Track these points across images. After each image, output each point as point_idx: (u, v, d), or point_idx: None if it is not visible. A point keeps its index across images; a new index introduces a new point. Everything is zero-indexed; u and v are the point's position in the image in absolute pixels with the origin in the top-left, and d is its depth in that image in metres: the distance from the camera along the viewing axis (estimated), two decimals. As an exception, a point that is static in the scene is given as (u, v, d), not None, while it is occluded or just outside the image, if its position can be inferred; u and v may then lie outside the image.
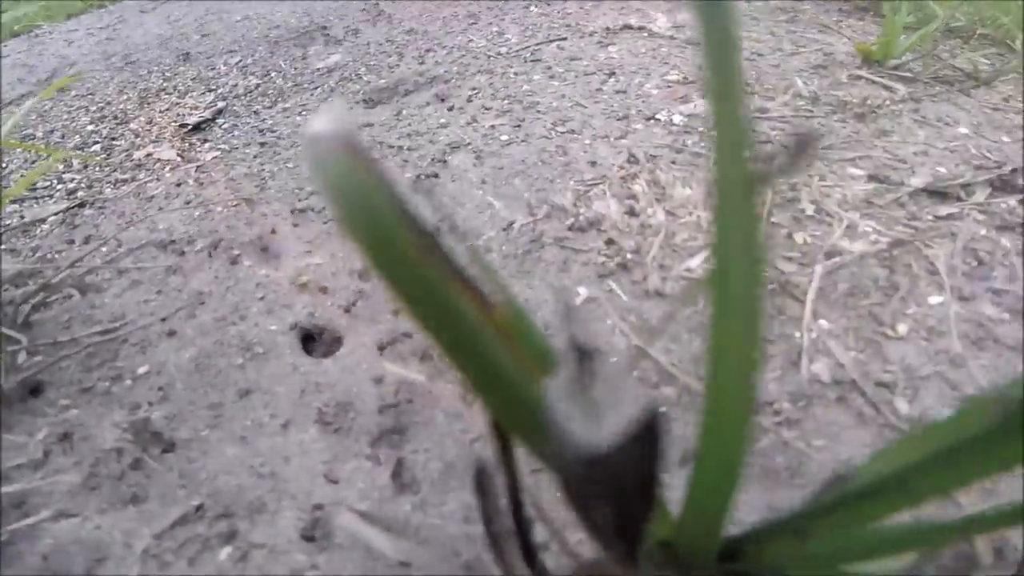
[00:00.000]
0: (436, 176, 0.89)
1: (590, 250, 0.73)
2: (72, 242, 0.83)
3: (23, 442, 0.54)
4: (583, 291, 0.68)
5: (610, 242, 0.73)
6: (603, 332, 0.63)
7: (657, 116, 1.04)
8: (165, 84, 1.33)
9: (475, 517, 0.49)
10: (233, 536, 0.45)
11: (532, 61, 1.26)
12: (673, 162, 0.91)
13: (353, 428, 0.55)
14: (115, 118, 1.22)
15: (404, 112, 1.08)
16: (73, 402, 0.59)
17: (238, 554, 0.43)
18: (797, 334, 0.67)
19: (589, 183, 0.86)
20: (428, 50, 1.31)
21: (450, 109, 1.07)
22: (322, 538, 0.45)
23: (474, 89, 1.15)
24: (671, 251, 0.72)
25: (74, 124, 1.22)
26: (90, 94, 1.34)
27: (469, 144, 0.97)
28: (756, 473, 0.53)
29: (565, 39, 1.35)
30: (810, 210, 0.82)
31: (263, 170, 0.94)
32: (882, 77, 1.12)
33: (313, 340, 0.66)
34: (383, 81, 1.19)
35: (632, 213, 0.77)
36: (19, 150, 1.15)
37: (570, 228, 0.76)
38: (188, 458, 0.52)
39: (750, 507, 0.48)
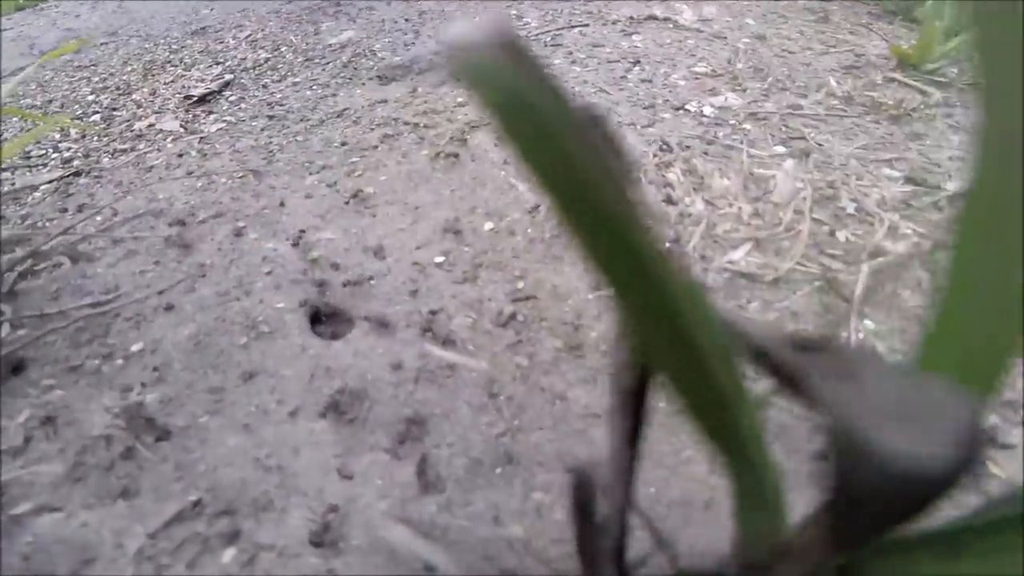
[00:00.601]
0: (456, 156, 0.84)
1: (625, 236, 0.68)
2: (65, 210, 0.77)
3: (2, 426, 0.49)
4: (618, 279, 0.63)
5: (647, 228, 0.68)
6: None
7: (686, 107, 1.00)
8: (171, 57, 1.27)
9: (506, 519, 0.44)
10: (236, 536, 0.39)
11: (552, 46, 1.21)
12: (706, 153, 0.86)
13: (369, 418, 0.49)
14: (117, 89, 1.16)
15: (420, 90, 1.03)
16: (59, 382, 0.53)
17: (244, 557, 0.38)
18: (844, 334, 0.63)
19: (619, 169, 0.81)
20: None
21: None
22: (337, 540, 0.39)
23: (494, 71, 1.10)
24: (712, 242, 0.67)
25: (75, 94, 1.17)
26: (93, 65, 1.29)
27: (489, 124, 0.92)
28: (805, 478, 0.49)
29: (587, 26, 1.31)
30: (850, 208, 0.79)
31: (271, 142, 0.88)
32: (917, 81, 1.10)
33: (323, 320, 0.60)
34: (398, 59, 1.13)
35: (670, 201, 0.72)
36: (16, 119, 1.09)
37: (603, 213, 0.71)
38: (185, 447, 0.47)
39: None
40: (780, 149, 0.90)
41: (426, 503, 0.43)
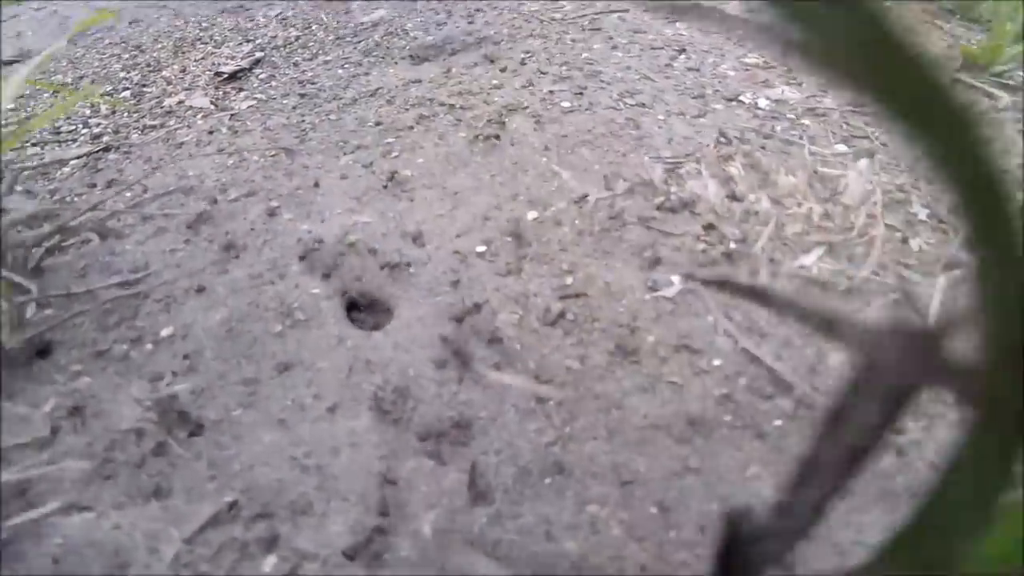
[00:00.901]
0: (496, 138, 0.79)
1: (684, 234, 0.63)
2: (94, 186, 0.75)
3: (27, 415, 0.46)
4: (676, 280, 0.58)
5: (710, 227, 0.63)
6: (702, 330, 0.54)
7: (740, 98, 0.94)
8: (201, 34, 1.25)
9: (558, 533, 0.40)
10: (275, 542, 0.36)
11: (591, 30, 1.16)
12: (763, 147, 0.81)
13: (413, 419, 0.46)
14: (148, 66, 1.14)
15: (453, 71, 0.99)
16: (86, 367, 0.51)
17: (286, 566, 0.35)
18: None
19: (670, 161, 0.76)
20: (477, 10, 1.22)
21: (502, 70, 0.98)
22: (383, 551, 0.36)
23: (527, 52, 1.05)
24: (781, 244, 0.62)
25: (105, 71, 1.15)
26: (123, 43, 1.27)
27: (527, 108, 0.88)
28: (875, 494, 0.46)
29: (627, 11, 1.25)
30: (922, 215, 0.73)
31: (303, 121, 0.85)
32: (983, 83, 1.02)
33: (361, 308, 0.57)
34: (430, 38, 1.09)
35: (734, 197, 0.67)
36: (47, 94, 1.08)
37: (659, 207, 0.66)
38: (218, 443, 0.44)
39: (871, 528, 0.42)
40: (842, 148, 0.84)
41: (476, 514, 0.39)
